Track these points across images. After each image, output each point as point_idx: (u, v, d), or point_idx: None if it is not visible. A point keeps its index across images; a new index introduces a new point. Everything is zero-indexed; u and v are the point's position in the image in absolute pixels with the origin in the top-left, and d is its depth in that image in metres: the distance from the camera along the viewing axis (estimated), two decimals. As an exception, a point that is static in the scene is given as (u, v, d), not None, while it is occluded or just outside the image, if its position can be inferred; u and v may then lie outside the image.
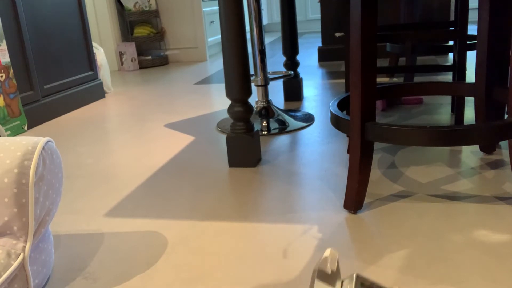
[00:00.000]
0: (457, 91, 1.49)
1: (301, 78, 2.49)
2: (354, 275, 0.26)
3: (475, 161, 1.46)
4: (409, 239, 1.04)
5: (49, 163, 0.89)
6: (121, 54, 3.98)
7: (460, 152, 1.55)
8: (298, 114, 2.17)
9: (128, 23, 4.09)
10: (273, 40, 5.39)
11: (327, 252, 0.28)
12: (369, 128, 1.11)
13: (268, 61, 2.08)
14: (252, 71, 1.78)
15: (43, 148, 0.88)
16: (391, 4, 3.15)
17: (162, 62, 4.16)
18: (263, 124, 2.01)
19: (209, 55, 4.33)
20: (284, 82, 2.48)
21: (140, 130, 2.13)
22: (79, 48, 2.74)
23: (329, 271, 0.26)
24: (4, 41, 2.12)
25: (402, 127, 1.07)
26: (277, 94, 2.56)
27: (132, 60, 3.98)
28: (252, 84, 1.66)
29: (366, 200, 1.25)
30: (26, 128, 2.23)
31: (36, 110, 2.34)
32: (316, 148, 1.72)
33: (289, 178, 1.45)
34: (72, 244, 1.17)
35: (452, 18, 3.14)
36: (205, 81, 3.25)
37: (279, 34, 3.12)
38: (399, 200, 1.24)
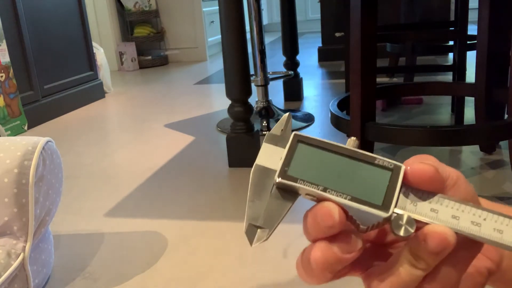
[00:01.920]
0: (457, 91, 1.49)
1: (301, 78, 2.49)
2: (292, 134, 0.27)
3: (475, 161, 1.46)
4: (409, 239, 1.04)
5: (49, 163, 0.89)
6: (121, 54, 3.98)
7: (460, 152, 1.55)
8: (298, 114, 2.17)
9: (128, 23, 4.08)
10: (273, 40, 5.39)
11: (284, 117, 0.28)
12: (369, 128, 1.11)
13: (268, 61, 2.08)
14: (252, 71, 1.78)
15: (43, 148, 0.88)
16: (391, 4, 3.15)
17: (162, 62, 4.16)
18: (263, 124, 2.01)
19: (209, 55, 4.32)
20: (284, 82, 2.47)
21: (140, 130, 2.13)
22: (79, 48, 2.74)
23: (278, 133, 0.27)
24: (4, 41, 2.12)
25: (402, 127, 1.07)
26: (277, 94, 2.56)
27: (132, 60, 3.98)
28: (252, 84, 1.66)
29: (366, 200, 1.24)
30: (26, 128, 2.23)
31: (36, 110, 2.34)
32: (316, 148, 1.71)
33: (289, 178, 1.45)
34: (72, 244, 1.17)
35: (452, 18, 3.14)
36: (205, 81, 3.25)
37: (279, 34, 3.12)
38: (399, 200, 1.24)
